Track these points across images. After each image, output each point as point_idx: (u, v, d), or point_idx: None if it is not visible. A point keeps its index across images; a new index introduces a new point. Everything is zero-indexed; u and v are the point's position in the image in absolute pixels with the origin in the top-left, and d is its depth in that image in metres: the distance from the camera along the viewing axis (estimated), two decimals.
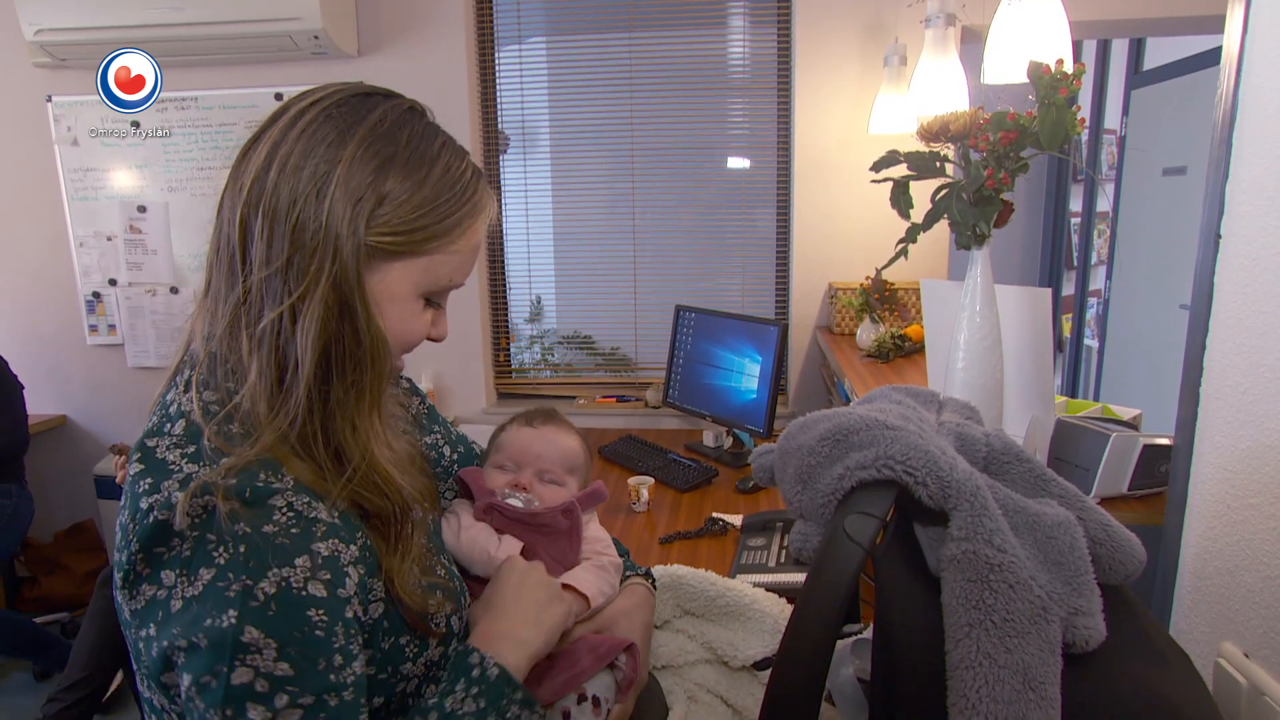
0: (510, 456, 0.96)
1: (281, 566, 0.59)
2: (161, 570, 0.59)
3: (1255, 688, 0.75)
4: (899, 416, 0.68)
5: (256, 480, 0.62)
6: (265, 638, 0.57)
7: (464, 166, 0.73)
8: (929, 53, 2.00)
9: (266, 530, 0.60)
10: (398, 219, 0.68)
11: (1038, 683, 0.54)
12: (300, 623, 0.59)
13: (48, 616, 2.88)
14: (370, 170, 0.67)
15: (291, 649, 0.58)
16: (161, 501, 0.60)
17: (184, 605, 0.58)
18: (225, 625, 0.57)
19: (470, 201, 0.73)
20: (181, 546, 0.59)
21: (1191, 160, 3.13)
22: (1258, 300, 0.79)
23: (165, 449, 0.64)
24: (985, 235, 1.22)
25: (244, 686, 0.57)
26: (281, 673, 0.57)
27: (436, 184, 0.70)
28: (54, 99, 2.77)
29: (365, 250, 0.67)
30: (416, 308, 0.74)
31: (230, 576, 0.58)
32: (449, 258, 0.73)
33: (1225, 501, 0.83)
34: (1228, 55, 0.83)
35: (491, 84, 2.76)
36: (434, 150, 0.71)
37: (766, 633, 1.01)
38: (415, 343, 0.76)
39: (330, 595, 0.61)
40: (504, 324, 2.95)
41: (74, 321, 2.94)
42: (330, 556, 0.62)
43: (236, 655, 0.57)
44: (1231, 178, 0.83)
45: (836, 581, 0.54)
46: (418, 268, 0.71)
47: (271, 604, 0.58)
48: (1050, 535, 0.62)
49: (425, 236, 0.70)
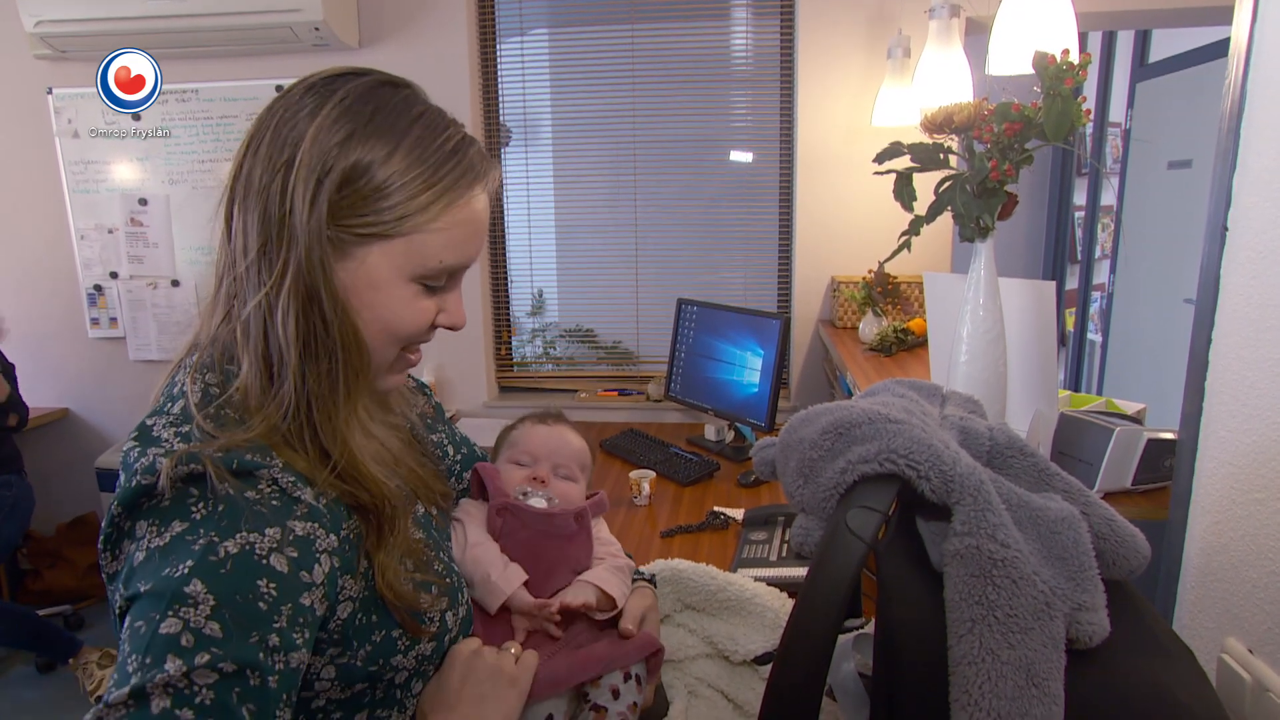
0: (527, 451, 0.97)
1: (250, 532, 0.58)
2: (137, 522, 0.59)
3: (1260, 684, 0.75)
4: (902, 410, 0.67)
5: (244, 456, 0.62)
6: (206, 592, 0.55)
7: (444, 137, 0.68)
8: (933, 44, 1.99)
9: (249, 495, 0.60)
10: (363, 199, 0.65)
11: (1041, 679, 0.53)
12: (246, 589, 0.56)
13: (50, 609, 2.89)
14: (334, 148, 0.64)
15: (227, 611, 0.55)
16: (146, 465, 0.60)
17: (146, 556, 0.58)
18: (176, 575, 0.56)
19: (450, 173, 0.67)
20: (161, 499, 0.59)
21: (1197, 154, 3.11)
22: (1264, 293, 0.78)
23: (161, 427, 0.64)
24: (989, 228, 1.21)
25: (169, 637, 0.54)
26: (210, 632, 0.54)
27: (406, 157, 0.66)
28: (55, 91, 2.77)
29: (331, 236, 0.65)
30: (407, 294, 0.69)
31: (200, 532, 0.57)
32: (433, 236, 0.67)
33: (1230, 496, 0.83)
34: (1236, 46, 0.82)
35: (493, 76, 2.75)
36: (404, 122, 0.67)
37: (767, 627, 1.01)
38: (414, 332, 0.71)
39: (290, 573, 0.59)
40: (506, 317, 2.95)
41: (75, 314, 2.95)
42: (304, 537, 0.61)
43: (173, 604, 0.54)
44: (1239, 170, 0.82)
45: (838, 576, 0.54)
46: (397, 250, 0.67)
47: (228, 563, 0.57)
48: (1054, 530, 0.61)
49: (397, 215, 0.66)
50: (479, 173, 0.70)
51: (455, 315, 0.73)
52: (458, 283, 0.74)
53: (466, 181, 0.69)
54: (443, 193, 0.67)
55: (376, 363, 0.71)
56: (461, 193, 0.68)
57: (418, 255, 0.68)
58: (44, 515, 2.96)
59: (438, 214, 0.67)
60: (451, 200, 0.68)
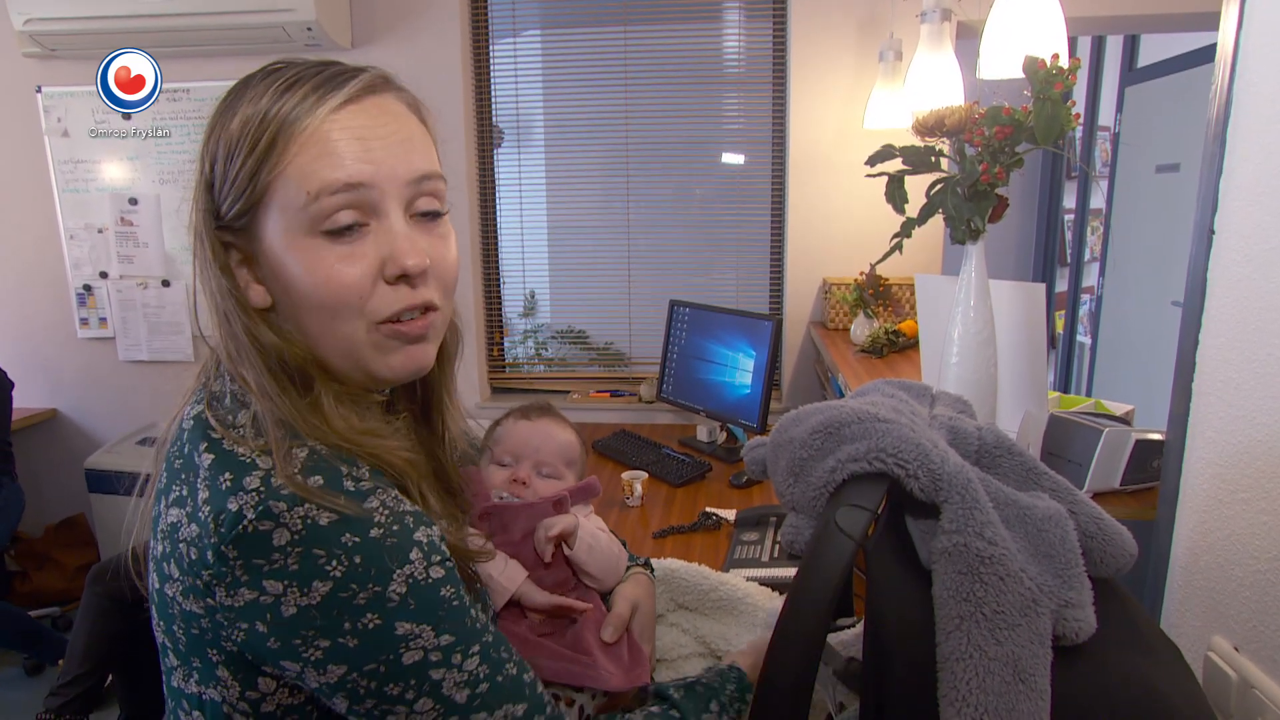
0: (508, 450, 0.96)
1: (401, 565, 0.60)
2: (264, 580, 0.57)
3: (1245, 681, 0.76)
4: (891, 410, 0.68)
5: (344, 482, 0.61)
6: (417, 625, 0.60)
7: (277, 85, 0.64)
8: (924, 48, 2.00)
9: (373, 535, 0.59)
10: (219, 175, 0.64)
11: (1028, 674, 0.54)
12: (438, 605, 0.61)
13: (39, 611, 2.86)
14: (206, 141, 0.66)
15: (445, 624, 0.61)
16: (258, 507, 0.58)
17: (300, 611, 0.57)
18: (372, 626, 0.58)
19: (280, 111, 0.62)
20: (286, 561, 0.57)
21: (1185, 157, 3.14)
22: (1250, 295, 0.79)
23: (233, 441, 0.62)
24: (980, 230, 1.22)
25: (418, 662, 0.60)
26: (447, 642, 0.61)
27: (242, 118, 0.63)
28: (44, 90, 2.75)
29: (218, 226, 0.65)
30: (317, 250, 0.62)
31: (353, 588, 0.58)
32: (291, 173, 0.62)
33: (1216, 496, 0.83)
34: (1222, 51, 0.83)
35: (486, 77, 2.75)
36: (249, 91, 0.65)
37: (759, 626, 1.01)
38: (347, 294, 0.63)
39: (449, 573, 0.63)
40: (498, 319, 2.94)
41: (65, 315, 2.93)
42: (430, 542, 0.63)
43: (399, 645, 0.59)
44: (1225, 174, 0.83)
45: (828, 574, 0.54)
46: (274, 210, 0.63)
47: (410, 600, 0.59)
48: (1041, 528, 0.62)
49: (248, 173, 0.62)
50: (308, 90, 0.63)
51: (400, 255, 0.63)
52: (388, 222, 0.64)
53: (296, 106, 0.63)
54: (281, 129, 0.62)
55: (343, 347, 0.66)
56: (299, 119, 0.62)
57: (291, 202, 0.62)
58: (32, 516, 2.94)
59: (285, 149, 0.62)
60: (291, 130, 0.62)
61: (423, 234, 0.66)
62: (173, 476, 0.65)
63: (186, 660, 0.64)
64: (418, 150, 0.67)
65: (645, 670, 0.87)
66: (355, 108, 0.64)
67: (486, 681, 0.64)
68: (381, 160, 0.63)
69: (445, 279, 0.69)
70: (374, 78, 0.66)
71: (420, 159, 0.66)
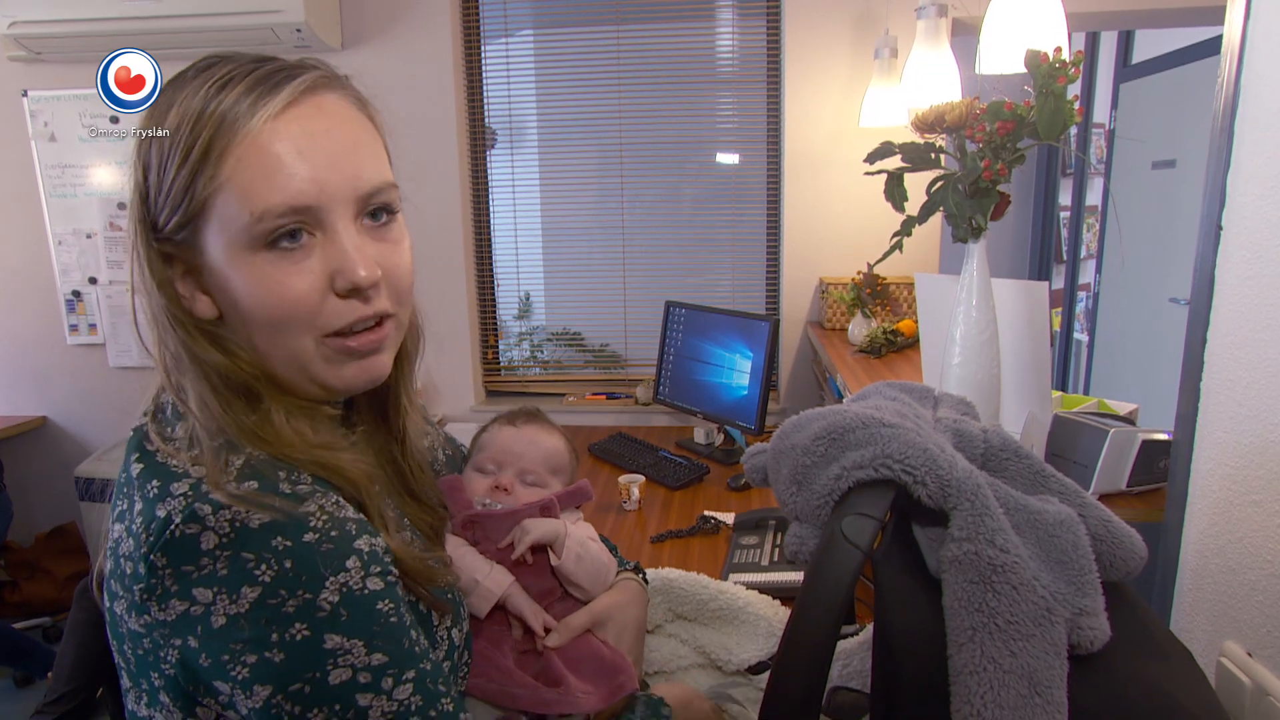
0: (491, 457, 0.93)
1: (336, 574, 0.57)
2: (194, 589, 0.55)
3: (1260, 688, 0.74)
4: (895, 413, 0.66)
5: (280, 486, 0.59)
6: (348, 640, 0.56)
7: (210, 84, 0.60)
8: (920, 44, 1.98)
9: (307, 540, 0.57)
10: (153, 184, 0.61)
11: (1044, 687, 0.52)
12: (374, 619, 0.58)
13: (29, 621, 2.83)
14: (138, 147, 0.62)
15: (378, 641, 0.58)
16: (184, 510, 0.56)
17: (229, 621, 0.55)
18: (300, 638, 0.55)
19: (214, 111, 0.58)
20: (215, 565, 0.55)
21: (1181, 153, 3.13)
22: (1260, 292, 0.77)
23: (167, 454, 0.61)
24: (982, 228, 1.20)
25: (345, 683, 0.56)
26: (378, 662, 0.57)
27: (174, 121, 0.59)
28: (30, 94, 2.72)
29: (159, 238, 0.62)
30: (262, 265, 0.60)
31: (281, 594, 0.55)
32: (232, 190, 0.58)
33: (1226, 498, 0.82)
34: (1229, 42, 0.81)
35: (478, 78, 2.72)
36: (180, 92, 0.61)
37: (760, 636, 0.99)
38: (292, 305, 0.61)
39: (388, 587, 0.60)
40: (492, 321, 2.92)
41: (54, 321, 2.89)
42: (372, 551, 0.60)
43: (327, 660, 0.56)
44: (1233, 167, 0.81)
45: (835, 586, 0.52)
46: (215, 224, 0.60)
47: (342, 610, 0.56)
48: (1052, 534, 0.60)
49: (183, 184, 0.59)
50: (247, 99, 0.59)
51: (350, 268, 0.61)
52: (336, 233, 0.61)
53: (235, 115, 0.59)
54: (214, 139, 0.58)
55: (294, 360, 0.64)
56: (235, 129, 0.59)
57: (231, 218, 0.59)
58: (22, 525, 2.90)
59: (217, 162, 0.59)
60: (226, 142, 0.59)
61: (373, 241, 0.64)
62: (118, 491, 0.64)
63: (137, 681, 0.62)
64: (366, 159, 0.64)
65: (630, 676, 0.83)
66: (296, 111, 0.60)
67: (418, 715, 0.58)
68: (327, 178, 0.60)
69: (400, 286, 0.66)
70: (315, 77, 0.63)
71: (370, 168, 0.63)
